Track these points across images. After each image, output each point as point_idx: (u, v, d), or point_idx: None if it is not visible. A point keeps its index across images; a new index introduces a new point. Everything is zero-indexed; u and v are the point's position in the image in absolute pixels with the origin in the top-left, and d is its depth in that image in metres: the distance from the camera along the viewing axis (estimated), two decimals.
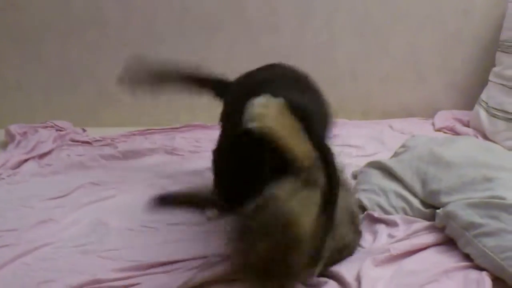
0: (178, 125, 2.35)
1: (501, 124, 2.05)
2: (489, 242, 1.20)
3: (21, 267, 1.29)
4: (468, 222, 1.26)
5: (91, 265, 1.29)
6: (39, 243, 1.38)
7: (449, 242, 1.34)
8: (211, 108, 2.53)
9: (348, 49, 2.47)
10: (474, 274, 1.22)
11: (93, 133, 2.29)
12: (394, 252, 1.29)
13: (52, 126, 2.29)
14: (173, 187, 1.72)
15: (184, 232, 1.45)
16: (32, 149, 2.04)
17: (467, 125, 2.26)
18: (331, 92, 2.48)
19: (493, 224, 1.22)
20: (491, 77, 2.21)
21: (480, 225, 1.24)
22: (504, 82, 2.09)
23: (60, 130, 2.26)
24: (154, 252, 1.33)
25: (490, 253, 1.18)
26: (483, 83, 2.32)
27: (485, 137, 2.09)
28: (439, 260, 1.29)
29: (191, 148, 2.10)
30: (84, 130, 2.33)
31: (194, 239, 1.41)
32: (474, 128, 2.20)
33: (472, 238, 1.24)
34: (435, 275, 1.23)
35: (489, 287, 1.16)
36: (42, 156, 2.02)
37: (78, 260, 1.32)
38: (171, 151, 2.07)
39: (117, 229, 1.47)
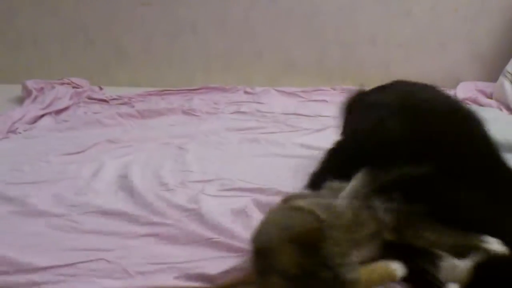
0: (195, 87, 2.32)
1: None
2: None
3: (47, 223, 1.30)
4: None
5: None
6: (60, 199, 1.39)
7: None
8: (226, 70, 2.54)
9: (369, 13, 2.41)
10: None
11: (109, 92, 2.27)
12: None
13: (68, 83, 2.27)
14: (190, 146, 1.71)
15: None
16: (49, 105, 2.03)
17: (490, 97, 2.22)
18: (350, 56, 2.50)
19: None
20: None
21: None
22: None
23: (77, 87, 2.25)
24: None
25: None
26: (508, 54, 2.26)
27: (509, 109, 2.05)
28: None
29: (209, 109, 2.07)
30: (101, 88, 2.31)
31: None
32: (497, 100, 2.15)
33: None
34: None
35: None
36: (58, 112, 2.01)
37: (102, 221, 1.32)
38: (189, 112, 2.05)
39: (139, 188, 1.45)
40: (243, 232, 1.21)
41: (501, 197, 1.10)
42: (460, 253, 1.00)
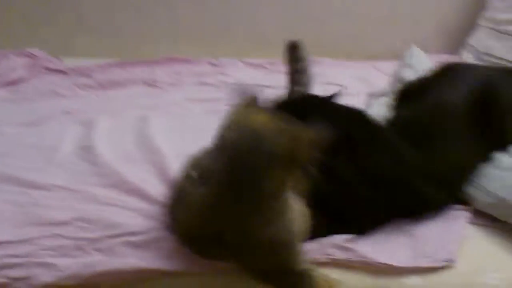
0: (158, 58, 2.25)
1: None
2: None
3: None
4: None
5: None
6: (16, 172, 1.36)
7: None
8: (193, 40, 2.47)
9: None
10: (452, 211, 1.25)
11: (68, 62, 2.18)
12: None
13: (25, 54, 2.16)
14: (152, 117, 1.66)
15: None
16: (2, 75, 1.94)
17: None
18: (321, 30, 2.46)
19: None
20: (480, 21, 2.15)
21: None
22: (495, 26, 2.04)
23: (33, 58, 2.14)
24: None
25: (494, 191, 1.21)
26: (472, 27, 2.26)
27: None
28: None
29: (172, 80, 2.01)
30: (59, 59, 2.21)
31: None
32: None
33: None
34: None
35: (464, 221, 1.22)
36: (13, 82, 1.92)
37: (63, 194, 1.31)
38: (151, 83, 1.98)
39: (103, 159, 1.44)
40: None
41: None
42: None
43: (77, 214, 1.23)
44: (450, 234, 1.17)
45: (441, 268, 1.11)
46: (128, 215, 1.23)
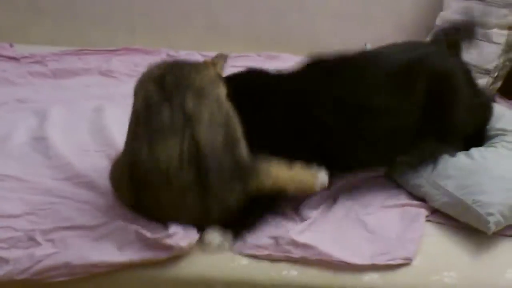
0: (115, 48, 2.21)
1: None
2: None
3: None
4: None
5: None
6: None
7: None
8: (151, 32, 2.44)
9: None
10: (412, 210, 1.27)
11: (22, 50, 2.11)
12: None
13: None
14: (107, 108, 1.63)
15: None
16: None
17: None
18: (278, 24, 2.47)
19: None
20: (438, 22, 2.20)
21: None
22: None
23: None
24: None
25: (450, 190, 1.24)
26: (430, 27, 2.31)
27: None
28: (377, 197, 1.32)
29: (128, 71, 1.98)
30: (11, 46, 2.14)
31: None
32: None
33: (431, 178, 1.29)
34: (373, 209, 1.26)
35: (423, 219, 1.23)
36: None
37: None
38: (106, 73, 1.95)
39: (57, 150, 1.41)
40: None
41: None
42: None
43: (28, 206, 1.20)
44: (409, 232, 1.19)
45: (399, 265, 1.12)
46: (81, 208, 1.21)
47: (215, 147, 1.07)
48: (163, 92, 1.12)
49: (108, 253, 1.10)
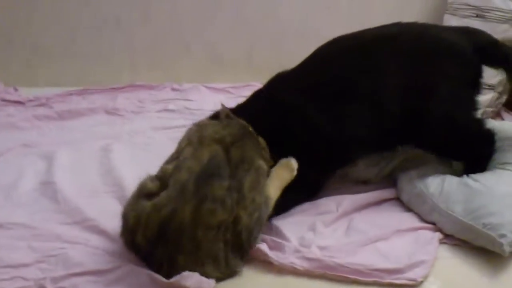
0: (120, 85, 2.21)
1: None
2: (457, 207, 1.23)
3: None
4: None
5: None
6: None
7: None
8: (153, 66, 2.45)
9: (294, 5, 2.38)
10: (426, 233, 1.24)
11: (26, 93, 2.12)
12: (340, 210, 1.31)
13: None
14: (115, 147, 1.63)
15: None
16: None
17: None
18: (278, 50, 2.47)
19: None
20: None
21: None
22: None
23: None
24: None
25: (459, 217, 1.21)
26: None
27: None
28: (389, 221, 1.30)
29: (134, 108, 1.98)
30: (16, 90, 2.15)
31: None
32: None
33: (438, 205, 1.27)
34: (386, 234, 1.24)
35: (437, 242, 1.21)
36: None
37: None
38: (112, 111, 1.95)
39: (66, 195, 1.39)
40: None
41: None
42: None
43: (38, 254, 1.18)
44: (420, 255, 1.16)
45: (409, 286, 1.10)
46: (92, 252, 1.18)
47: (251, 227, 1.12)
48: (229, 163, 1.16)
49: None
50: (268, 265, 1.15)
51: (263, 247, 1.16)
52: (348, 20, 2.42)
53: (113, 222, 1.24)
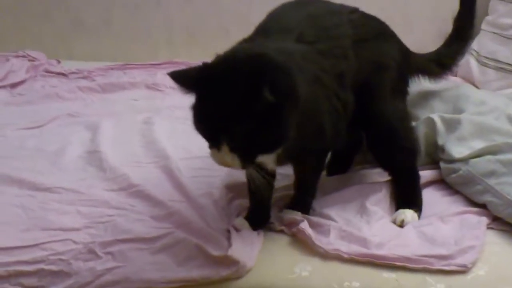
0: (158, 61, 2.23)
1: (492, 73, 2.00)
2: None
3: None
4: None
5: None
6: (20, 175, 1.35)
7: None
8: (191, 45, 2.46)
9: None
10: (472, 217, 1.23)
11: (67, 65, 2.16)
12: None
13: (24, 56, 2.15)
14: (156, 121, 1.65)
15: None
16: (4, 78, 1.93)
17: (455, 75, 2.22)
18: None
19: None
20: (483, 26, 2.16)
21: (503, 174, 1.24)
22: (498, 31, 2.04)
23: (33, 60, 2.13)
24: None
25: None
26: (475, 33, 2.27)
27: (474, 86, 2.06)
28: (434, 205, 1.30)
29: (173, 84, 1.98)
30: (58, 62, 2.19)
31: None
32: (463, 78, 2.16)
33: (493, 186, 1.24)
34: (431, 219, 1.25)
35: (484, 227, 1.19)
36: (14, 85, 1.91)
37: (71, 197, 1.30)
38: (152, 86, 1.97)
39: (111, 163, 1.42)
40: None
41: None
42: None
43: (87, 219, 1.21)
44: (468, 240, 1.14)
45: (465, 275, 1.08)
46: (138, 218, 1.21)
47: None
48: None
49: (167, 268, 1.08)
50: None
51: (309, 230, 1.15)
52: (387, 7, 2.41)
53: (158, 189, 1.29)
